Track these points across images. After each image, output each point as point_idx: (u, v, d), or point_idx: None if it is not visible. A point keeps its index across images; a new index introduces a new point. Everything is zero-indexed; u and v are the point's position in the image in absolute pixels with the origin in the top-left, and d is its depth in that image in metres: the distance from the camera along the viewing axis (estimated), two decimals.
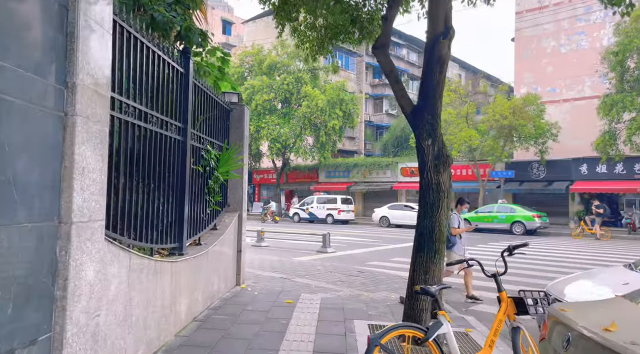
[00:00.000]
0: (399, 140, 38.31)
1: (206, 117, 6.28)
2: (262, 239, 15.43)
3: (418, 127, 5.31)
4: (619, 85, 21.36)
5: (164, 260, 4.49)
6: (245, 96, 32.59)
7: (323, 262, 11.45)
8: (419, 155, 5.28)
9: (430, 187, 5.15)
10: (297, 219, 30.60)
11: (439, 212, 5.10)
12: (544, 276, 10.13)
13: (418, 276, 5.04)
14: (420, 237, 5.13)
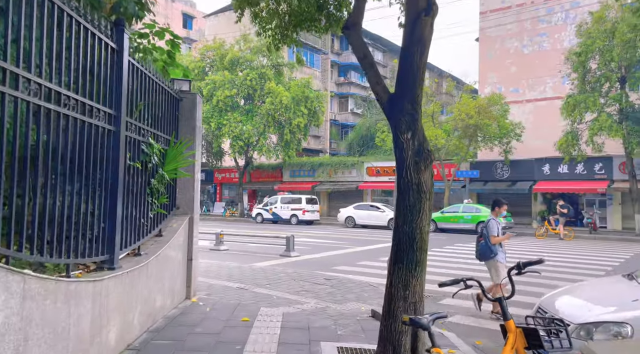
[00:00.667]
0: (364, 139, 37.90)
1: (148, 105, 5.35)
2: (221, 242, 14.46)
3: (395, 119, 4.58)
4: (581, 86, 21.53)
5: (82, 280, 3.57)
6: (206, 91, 31.35)
7: (286, 268, 10.63)
8: (397, 151, 4.56)
9: (410, 187, 4.42)
10: (260, 220, 29.61)
11: (420, 216, 4.39)
12: (519, 281, 9.64)
13: (396, 292, 4.30)
14: (399, 246, 4.40)
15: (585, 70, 21.20)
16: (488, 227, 7.05)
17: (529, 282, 9.21)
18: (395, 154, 4.61)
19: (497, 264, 6.92)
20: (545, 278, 9.81)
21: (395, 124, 4.60)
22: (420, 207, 4.39)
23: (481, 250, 7.09)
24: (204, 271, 9.26)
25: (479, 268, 10.93)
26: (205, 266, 10.00)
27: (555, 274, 10.53)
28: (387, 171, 31.19)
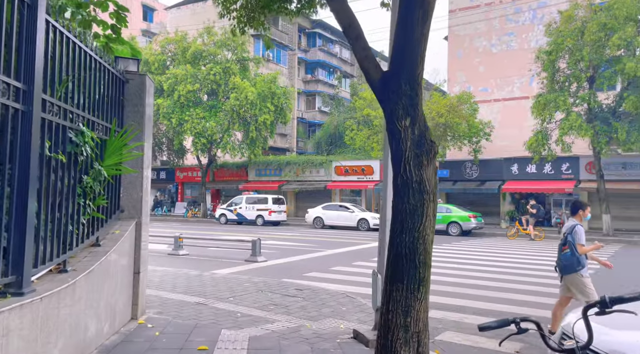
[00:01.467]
0: (332, 138, 37.12)
1: (80, 84, 4.26)
2: (181, 246, 13.27)
3: (390, 102, 3.68)
4: (550, 86, 21.40)
5: None
6: (167, 86, 29.82)
7: (252, 276, 9.61)
8: (392, 142, 3.66)
9: (409, 187, 3.54)
10: (224, 221, 28.33)
11: (423, 222, 3.50)
12: (507, 288, 9.00)
13: (395, 319, 3.40)
14: (397, 261, 3.50)
15: (554, 70, 21.06)
16: (575, 234, 5.78)
17: (505, 287, 8.56)
18: (391, 146, 3.71)
19: (583, 279, 5.73)
20: (530, 283, 9.21)
21: (389, 108, 3.70)
22: (423, 212, 3.51)
23: (566, 261, 5.80)
24: (158, 282, 8.14)
25: (456, 274, 10.27)
26: (160, 275, 8.86)
27: (540, 279, 9.94)
28: (355, 170, 30.50)
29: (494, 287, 9.10)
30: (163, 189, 39.48)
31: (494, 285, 9.27)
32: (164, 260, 12.18)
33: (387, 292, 3.51)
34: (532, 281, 9.77)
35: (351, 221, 24.81)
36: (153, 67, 31.58)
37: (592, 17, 19.78)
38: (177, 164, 36.51)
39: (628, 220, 23.59)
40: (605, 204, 20.95)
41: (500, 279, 9.93)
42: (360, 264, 11.78)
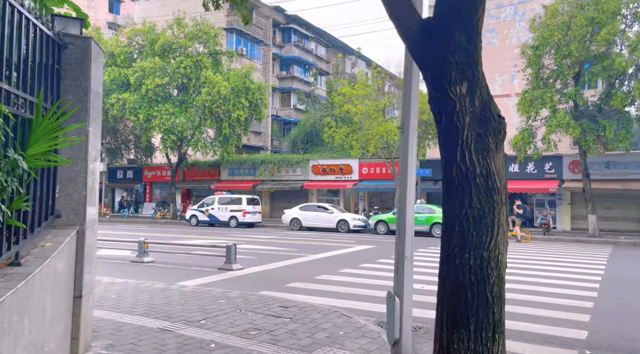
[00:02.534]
0: (309, 136, 35.92)
1: None
2: (146, 252, 11.83)
3: (437, 61, 2.55)
4: (535, 82, 20.79)
5: None
6: (134, 79, 28.04)
7: (228, 288, 8.34)
8: (441, 117, 2.54)
9: (470, 183, 2.41)
10: (195, 223, 26.78)
11: (495, 235, 2.37)
12: (513, 288, 7.98)
13: None
14: (457, 293, 2.35)
15: (540, 66, 20.44)
16: None
17: (523, 290, 7.46)
18: (439, 124, 2.57)
19: None
20: (539, 294, 8.20)
21: (436, 69, 2.55)
22: (494, 220, 2.37)
23: None
24: (113, 300, 6.78)
25: None
26: (118, 290, 7.49)
27: (548, 287, 8.98)
28: (333, 170, 29.42)
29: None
30: (130, 189, 37.48)
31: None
32: (125, 269, 10.75)
33: (441, 342, 2.34)
34: (536, 287, 8.82)
35: (330, 223, 23.68)
36: (119, 60, 29.68)
37: (579, 11, 19.23)
38: (145, 163, 34.63)
39: (611, 220, 23.26)
40: (591, 205, 20.46)
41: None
42: (348, 271, 10.63)
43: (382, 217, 22.57)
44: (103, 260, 12.09)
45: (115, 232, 20.67)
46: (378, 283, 9.20)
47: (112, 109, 28.87)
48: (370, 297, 7.96)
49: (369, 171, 28.60)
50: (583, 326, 6.41)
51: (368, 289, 8.66)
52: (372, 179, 28.41)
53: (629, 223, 23.18)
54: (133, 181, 36.23)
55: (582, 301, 7.89)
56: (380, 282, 9.32)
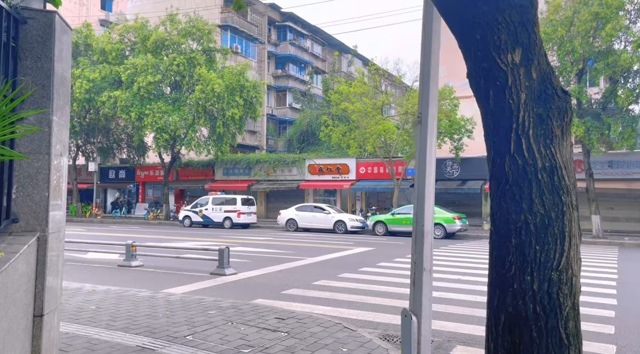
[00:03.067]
0: (304, 135, 35.30)
1: None
2: (134, 256, 11.19)
3: (482, 21, 1.96)
4: None
5: None
6: (126, 76, 27.34)
7: (219, 296, 7.73)
8: (487, 96, 1.93)
9: (528, 178, 1.81)
10: (188, 224, 26.11)
11: (567, 250, 1.77)
12: None
13: None
14: (516, 329, 1.74)
15: None
16: None
17: None
18: (484, 105, 1.98)
19: None
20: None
21: (480, 33, 1.96)
22: (563, 228, 1.77)
23: None
24: (92, 311, 6.14)
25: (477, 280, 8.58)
26: (98, 300, 6.85)
27: None
28: (330, 169, 28.83)
29: None
30: (123, 190, 36.74)
31: None
32: (111, 274, 10.11)
33: None
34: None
35: (327, 223, 23.09)
36: (110, 57, 28.97)
37: (583, 6, 18.72)
38: (138, 163, 33.94)
39: (613, 221, 22.79)
40: (595, 205, 19.97)
41: None
42: (348, 276, 10.04)
43: (381, 218, 22.00)
44: (88, 264, 11.47)
45: (105, 234, 20.00)
46: (380, 289, 8.61)
47: (104, 107, 28.17)
48: (373, 305, 7.37)
49: (367, 170, 28.03)
50: (609, 339, 5.85)
51: (370, 296, 8.07)
52: (370, 178, 27.85)
53: (632, 224, 22.71)
54: (125, 181, 35.50)
55: (602, 309, 7.33)
56: (382, 288, 8.73)
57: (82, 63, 29.20)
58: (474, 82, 2.03)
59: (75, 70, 28.59)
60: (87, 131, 32.08)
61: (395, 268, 11.21)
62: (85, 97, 28.13)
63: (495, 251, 1.84)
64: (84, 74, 28.10)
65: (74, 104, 28.72)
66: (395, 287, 8.85)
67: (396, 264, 12.01)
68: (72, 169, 33.65)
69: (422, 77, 3.53)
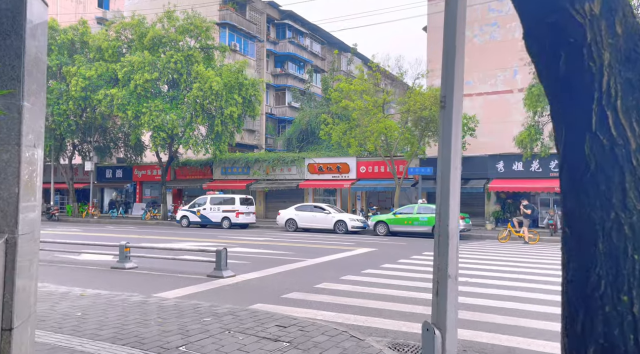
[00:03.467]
0: (304, 134, 34.85)
1: None
2: (127, 258, 10.73)
3: None
4: None
5: None
6: (122, 74, 26.88)
7: (216, 301, 7.29)
8: (556, 58, 1.48)
9: (618, 163, 1.34)
10: (186, 224, 25.65)
11: None
12: (532, 299, 6.95)
13: None
14: None
15: None
16: None
17: (529, 298, 6.40)
18: (551, 70, 1.52)
19: None
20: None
21: None
22: None
23: None
24: (78, 319, 5.69)
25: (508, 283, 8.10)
26: (85, 305, 6.40)
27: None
28: (330, 168, 28.40)
29: (515, 297, 7.07)
30: (120, 189, 36.27)
31: (513, 295, 7.25)
32: (103, 277, 9.66)
33: None
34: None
35: (327, 223, 22.64)
36: (107, 54, 28.48)
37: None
38: (135, 162, 33.49)
39: None
40: None
41: (518, 288, 7.92)
42: (351, 279, 9.59)
43: (382, 218, 21.55)
44: (81, 266, 11.03)
45: (100, 235, 19.55)
46: (385, 293, 8.17)
47: (100, 106, 27.70)
48: (379, 311, 6.93)
49: (367, 169, 27.60)
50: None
51: (375, 300, 7.62)
52: (371, 178, 27.41)
53: None
54: (122, 180, 35.03)
55: None
56: (388, 291, 8.29)
57: (78, 61, 28.72)
58: (534, 44, 1.59)
59: (71, 68, 28.13)
60: (83, 130, 31.60)
61: (400, 270, 10.78)
62: (81, 95, 27.66)
63: (574, 260, 1.40)
64: (79, 71, 27.62)
65: (70, 102, 28.28)
66: (401, 290, 8.42)
67: (400, 265, 11.58)
68: (69, 169, 33.18)
69: (445, 55, 3.10)
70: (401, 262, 12.08)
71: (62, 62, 28.80)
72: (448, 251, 2.97)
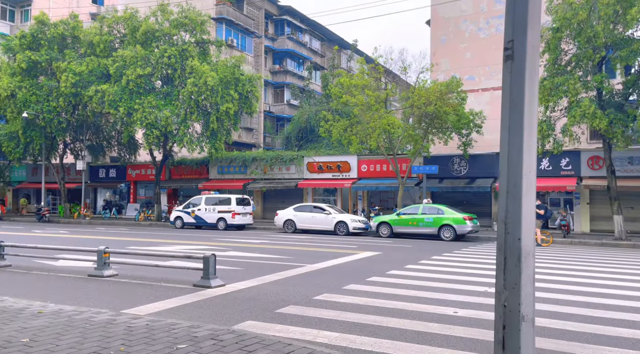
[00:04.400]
0: (303, 132, 33.77)
1: None
2: (106, 264, 9.68)
3: None
4: (552, 69, 18.81)
5: None
6: (114, 70, 25.82)
7: (198, 318, 6.25)
8: None
9: None
10: (180, 225, 24.61)
11: None
12: (599, 304, 5.87)
13: None
14: None
15: (559, 51, 18.47)
16: None
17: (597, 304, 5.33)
18: None
19: None
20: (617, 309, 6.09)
21: None
22: None
23: None
24: (22, 347, 4.62)
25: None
26: (38, 328, 5.33)
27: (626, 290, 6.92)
28: (330, 167, 27.36)
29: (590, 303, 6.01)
30: (114, 189, 35.21)
31: (588, 301, 6.20)
32: (76, 287, 8.60)
33: None
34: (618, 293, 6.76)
35: (327, 225, 21.59)
36: (98, 49, 27.43)
37: None
38: (129, 161, 32.44)
39: (633, 221, 21.31)
40: (617, 204, 18.50)
41: (582, 292, 6.87)
42: (355, 288, 8.53)
43: (385, 219, 20.50)
44: (55, 274, 9.98)
45: (88, 237, 18.50)
46: (396, 307, 7.11)
47: (91, 102, 26.63)
48: (390, 330, 5.88)
49: (369, 168, 26.55)
50: None
51: (385, 316, 6.57)
52: (372, 177, 26.37)
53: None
54: (116, 180, 33.96)
55: None
56: (399, 304, 7.23)
57: (68, 56, 27.68)
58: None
59: (62, 63, 27.09)
60: (75, 128, 30.56)
61: (409, 278, 9.72)
62: (71, 92, 26.61)
63: None
64: (70, 67, 26.57)
65: (60, 99, 27.24)
66: (413, 303, 7.36)
67: (408, 272, 10.52)
68: (60, 168, 32.13)
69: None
70: (409, 269, 11.02)
71: (52, 58, 27.74)
72: (520, 280, 1.91)
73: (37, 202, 35.20)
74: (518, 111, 1.95)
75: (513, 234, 1.92)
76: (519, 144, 1.94)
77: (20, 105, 27.53)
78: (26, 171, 36.87)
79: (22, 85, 27.64)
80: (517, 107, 1.95)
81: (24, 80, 27.90)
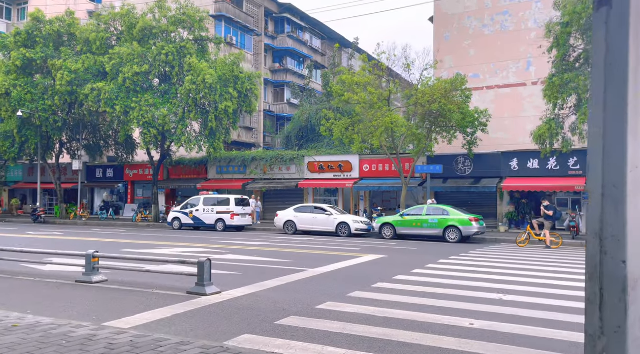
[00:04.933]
0: (303, 131, 33.18)
1: None
2: (95, 270, 9.09)
3: None
4: (559, 65, 18.24)
5: None
6: (111, 67, 25.25)
7: (189, 332, 5.67)
8: None
9: None
10: (178, 226, 24.02)
11: None
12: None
13: None
14: None
15: (567, 46, 17.91)
16: None
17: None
18: None
19: None
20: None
21: None
22: None
23: None
24: None
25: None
26: (9, 343, 4.75)
27: None
28: (331, 167, 26.78)
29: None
30: (111, 189, 34.63)
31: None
32: (60, 295, 8.02)
33: None
34: None
35: (329, 226, 21.01)
36: (94, 47, 26.86)
37: None
38: (127, 161, 31.87)
39: None
40: None
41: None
42: (360, 296, 7.95)
43: (388, 220, 19.92)
44: (41, 280, 9.39)
45: (82, 239, 17.93)
46: (406, 317, 6.53)
47: (87, 101, 26.06)
48: (402, 345, 5.30)
49: (371, 168, 25.97)
50: None
51: (394, 328, 5.98)
52: (374, 177, 25.79)
53: None
54: (113, 180, 33.39)
55: None
56: (409, 315, 6.65)
57: (64, 53, 27.13)
58: None
59: (57, 61, 26.53)
60: (71, 127, 30.01)
61: (416, 283, 9.14)
62: (67, 90, 26.05)
63: None
64: (65, 65, 26.00)
65: (56, 97, 26.69)
66: (424, 312, 6.78)
67: (416, 277, 9.94)
68: (56, 168, 31.57)
69: None
70: (416, 273, 10.44)
71: (47, 55, 27.19)
72: (627, 321, 1.32)
73: (34, 202, 34.62)
74: (618, 80, 1.37)
75: (614, 255, 1.33)
76: (620, 127, 1.36)
77: (15, 103, 26.98)
78: (22, 171, 36.32)
79: (17, 83, 27.09)
80: (617, 74, 1.37)
81: (19, 79, 27.35)
